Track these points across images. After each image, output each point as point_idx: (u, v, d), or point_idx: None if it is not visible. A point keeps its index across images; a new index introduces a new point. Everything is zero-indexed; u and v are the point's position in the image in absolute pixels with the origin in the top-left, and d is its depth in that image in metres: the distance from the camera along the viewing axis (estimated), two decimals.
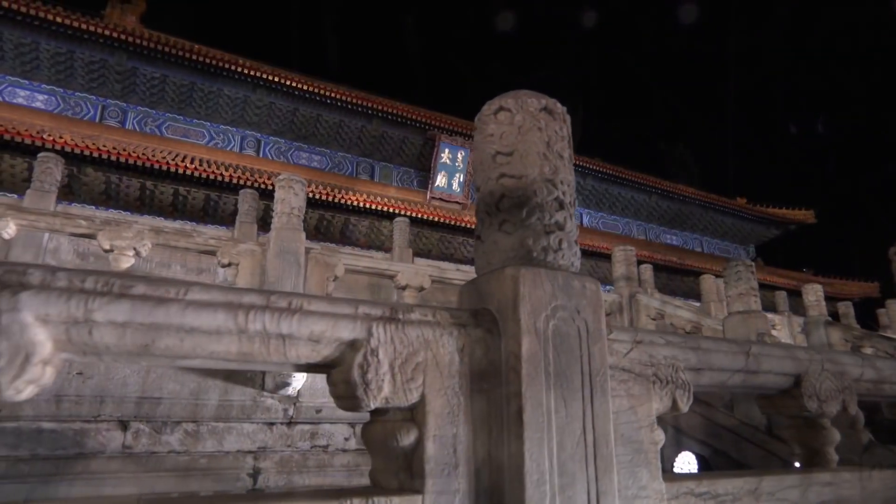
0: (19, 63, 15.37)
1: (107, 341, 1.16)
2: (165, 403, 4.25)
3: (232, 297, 1.28)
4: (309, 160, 18.72)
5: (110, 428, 4.15)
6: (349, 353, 1.37)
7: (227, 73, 16.92)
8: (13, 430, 3.90)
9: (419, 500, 1.34)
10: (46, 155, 7.71)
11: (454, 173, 19.50)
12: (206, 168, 15.26)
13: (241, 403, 4.46)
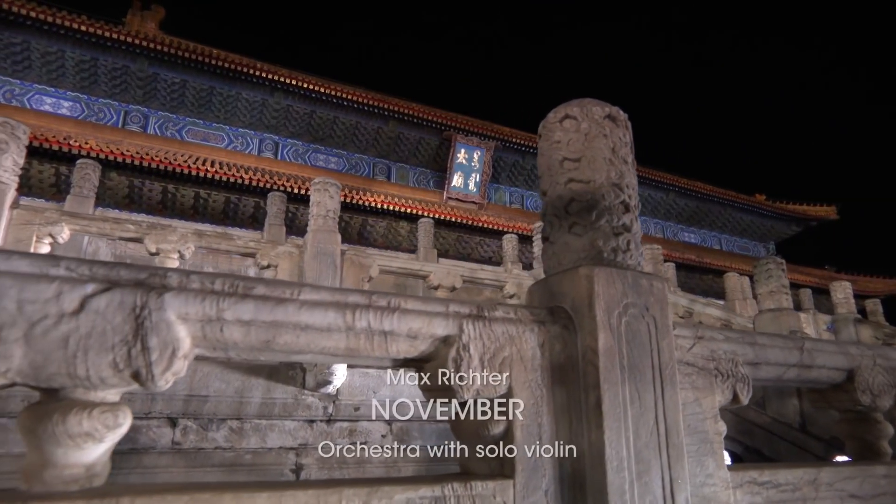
0: (46, 71, 15.77)
1: (235, 338, 1.28)
2: (212, 401, 4.41)
3: (338, 297, 1.40)
4: (326, 162, 18.94)
5: (160, 425, 4.32)
6: (443, 348, 1.48)
7: (244, 76, 17.20)
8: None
9: (510, 485, 1.44)
10: (84, 161, 7.97)
11: (470, 173, 19.59)
12: (226, 171, 15.53)
13: (284, 401, 4.61)
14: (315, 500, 1.23)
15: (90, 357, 1.13)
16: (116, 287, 1.19)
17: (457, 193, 19.48)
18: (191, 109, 17.79)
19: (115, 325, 1.16)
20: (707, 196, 23.13)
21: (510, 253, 9.62)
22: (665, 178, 22.28)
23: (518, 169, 21.18)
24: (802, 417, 5.19)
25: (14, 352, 1.08)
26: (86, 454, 1.14)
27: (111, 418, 1.16)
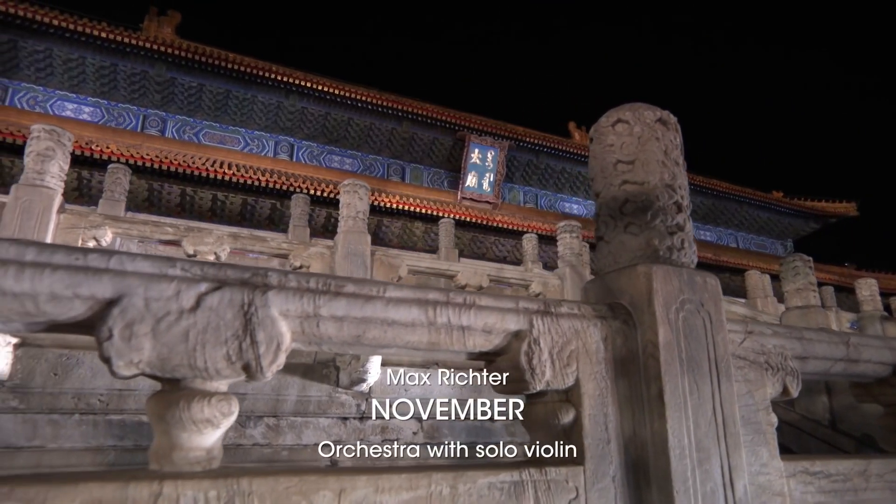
0: (67, 78, 16.12)
1: (329, 333, 1.39)
2: (249, 399, 4.55)
3: (419, 294, 1.49)
4: (341, 163, 19.14)
5: None
6: (515, 342, 1.57)
7: (260, 80, 17.44)
8: (118, 423, 4.24)
9: (581, 471, 1.53)
10: (116, 166, 8.19)
11: (484, 173, 19.66)
12: (243, 173, 15.76)
13: (318, 399, 4.73)
14: (408, 483, 1.33)
15: (207, 350, 1.24)
16: (226, 286, 1.29)
17: (471, 193, 19.57)
18: (207, 113, 18.07)
19: (226, 321, 1.27)
20: (723, 194, 22.99)
21: (530, 252, 9.70)
22: None
23: (532, 168, 21.22)
24: (832, 414, 5.20)
25: (144, 344, 1.19)
26: (206, 438, 1.25)
27: (226, 406, 1.27)
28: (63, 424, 4.11)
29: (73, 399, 4.09)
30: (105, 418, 4.22)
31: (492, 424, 5.61)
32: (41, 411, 4.02)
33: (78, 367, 4.08)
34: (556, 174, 21.75)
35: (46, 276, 1.15)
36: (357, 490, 1.27)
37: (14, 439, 3.90)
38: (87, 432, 4.16)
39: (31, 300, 1.14)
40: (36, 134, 5.06)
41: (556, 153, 21.14)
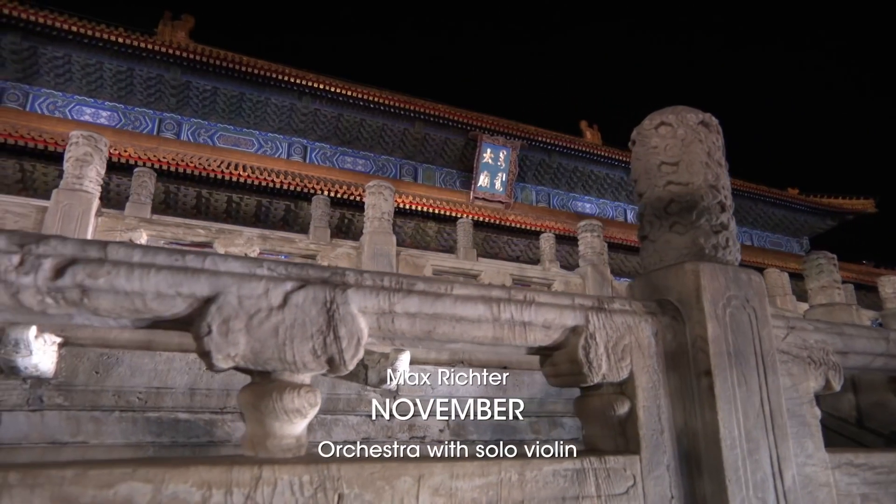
0: (85, 83, 16.42)
1: (403, 328, 1.47)
2: None
3: (483, 291, 1.58)
4: (354, 164, 19.29)
5: (234, 419, 4.58)
6: (572, 337, 1.65)
7: (274, 82, 17.63)
8: (156, 420, 4.37)
9: (637, 460, 1.60)
10: (141, 170, 8.38)
11: (496, 173, 19.71)
12: (258, 175, 15.95)
13: (347, 397, 4.83)
14: (480, 470, 1.41)
15: (295, 344, 1.33)
16: (309, 284, 1.39)
17: (483, 193, 19.63)
18: (222, 116, 18.30)
19: (311, 318, 1.36)
20: (737, 191, 22.80)
21: (548, 251, 9.76)
22: None
23: (544, 167, 21.23)
24: (858, 412, 5.21)
25: (239, 339, 1.28)
26: (295, 427, 1.35)
27: (312, 398, 1.36)
28: (104, 421, 4.24)
29: (114, 397, 4.22)
30: (143, 415, 4.36)
31: (516, 422, 5.68)
32: (84, 408, 4.16)
33: (118, 366, 4.21)
34: (569, 173, 21.74)
35: (152, 276, 1.25)
36: (434, 476, 1.36)
37: (59, 435, 4.04)
38: (127, 429, 4.29)
39: (140, 298, 1.24)
40: (74, 140, 5.22)
41: (568, 152, 21.13)
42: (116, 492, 1.11)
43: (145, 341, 4.52)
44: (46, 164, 14.93)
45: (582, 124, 24.41)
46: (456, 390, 5.14)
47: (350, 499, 1.27)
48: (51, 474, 1.10)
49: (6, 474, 1.07)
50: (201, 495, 1.16)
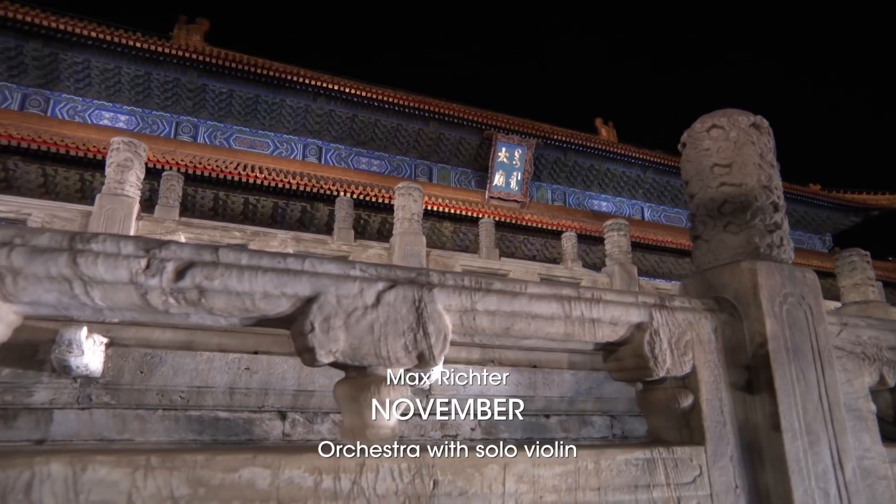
0: (104, 87, 16.76)
1: (483, 325, 1.58)
2: (317, 396, 4.78)
3: (555, 290, 1.67)
4: (368, 165, 19.46)
5: (272, 418, 4.72)
6: (637, 333, 1.74)
7: (288, 84, 17.85)
8: (197, 418, 4.52)
9: (702, 451, 1.69)
10: (170, 174, 8.60)
11: (511, 172, 19.77)
12: (274, 177, 16.17)
13: None
14: (559, 459, 1.50)
15: (389, 341, 1.44)
16: (398, 284, 1.49)
17: (499, 192, 19.70)
18: (238, 118, 18.57)
19: (402, 315, 1.47)
20: None
21: (570, 251, 9.82)
22: None
23: (560, 166, 21.24)
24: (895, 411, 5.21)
25: (339, 336, 1.39)
26: (386, 418, 1.45)
27: (405, 390, 1.47)
28: (148, 419, 4.40)
29: (157, 395, 4.37)
30: (185, 414, 4.50)
31: (547, 421, 5.75)
32: (129, 407, 4.31)
33: (161, 366, 4.36)
34: (585, 171, 21.72)
35: (259, 277, 1.36)
36: (518, 464, 1.46)
37: (106, 432, 4.20)
38: (170, 427, 4.44)
39: (249, 298, 1.35)
40: (115, 146, 5.41)
41: (584, 150, 21.12)
42: (241, 476, 1.22)
43: (186, 341, 4.66)
44: (67, 168, 15.29)
45: (597, 122, 24.38)
46: (487, 389, 5.23)
47: (444, 484, 1.38)
48: (185, 458, 1.21)
49: (149, 457, 1.19)
50: (313, 480, 1.27)
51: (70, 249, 1.24)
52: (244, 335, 4.84)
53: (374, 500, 1.30)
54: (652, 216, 22.74)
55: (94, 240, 1.27)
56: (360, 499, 1.30)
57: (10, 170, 14.54)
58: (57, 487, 1.10)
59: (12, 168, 14.45)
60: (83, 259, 1.24)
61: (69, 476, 1.11)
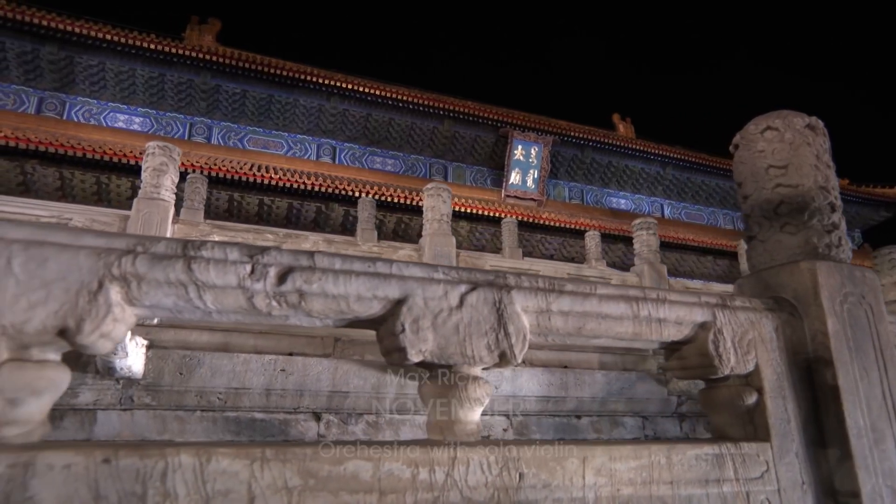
0: (119, 90, 17.09)
1: (557, 325, 1.67)
2: (351, 397, 4.91)
3: (622, 291, 1.76)
4: (383, 164, 19.62)
5: (307, 419, 4.86)
6: (701, 332, 1.83)
7: (302, 83, 18.06)
8: (234, 419, 4.68)
9: (768, 447, 1.77)
10: (194, 176, 8.81)
11: (528, 170, 19.81)
12: (288, 177, 16.38)
13: (415, 397, 5.03)
14: (633, 453, 1.60)
15: (473, 340, 1.54)
16: (479, 287, 1.59)
17: (515, 191, 19.75)
18: (251, 118, 18.82)
19: (484, 316, 1.57)
20: None
21: (594, 250, 9.87)
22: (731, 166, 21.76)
23: (577, 163, 21.24)
24: None
25: (428, 336, 1.50)
26: (475, 414, 1.56)
27: (488, 388, 1.57)
28: (187, 420, 4.56)
29: (196, 397, 4.53)
30: (223, 415, 4.66)
31: (578, 422, 5.82)
32: (169, 408, 4.48)
33: (199, 367, 4.51)
34: (603, 168, 21.69)
35: (353, 281, 1.47)
36: (596, 458, 1.55)
37: (147, 433, 4.36)
38: (208, 428, 4.60)
39: (344, 300, 1.46)
40: (151, 150, 5.58)
41: (602, 147, 21.10)
42: (346, 468, 1.33)
43: (223, 343, 4.82)
44: (84, 171, 15.62)
45: (614, 117, 24.33)
46: (519, 389, 5.34)
47: (529, 477, 1.47)
48: (295, 452, 1.33)
49: (264, 450, 1.30)
50: (411, 472, 1.38)
51: (184, 256, 1.36)
52: (279, 337, 4.99)
53: (467, 492, 1.41)
54: (672, 213, 22.64)
55: (203, 247, 1.39)
56: (453, 490, 1.40)
57: (28, 173, 14.90)
58: (187, 476, 1.22)
59: (31, 171, 14.80)
60: (196, 265, 1.35)
61: (196, 466, 1.23)
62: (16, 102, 16.20)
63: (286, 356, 4.77)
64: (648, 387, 5.85)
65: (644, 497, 1.56)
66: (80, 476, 1.16)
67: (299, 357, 4.80)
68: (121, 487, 1.18)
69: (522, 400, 5.32)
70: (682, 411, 5.99)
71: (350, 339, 5.06)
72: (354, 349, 5.10)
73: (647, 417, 6.02)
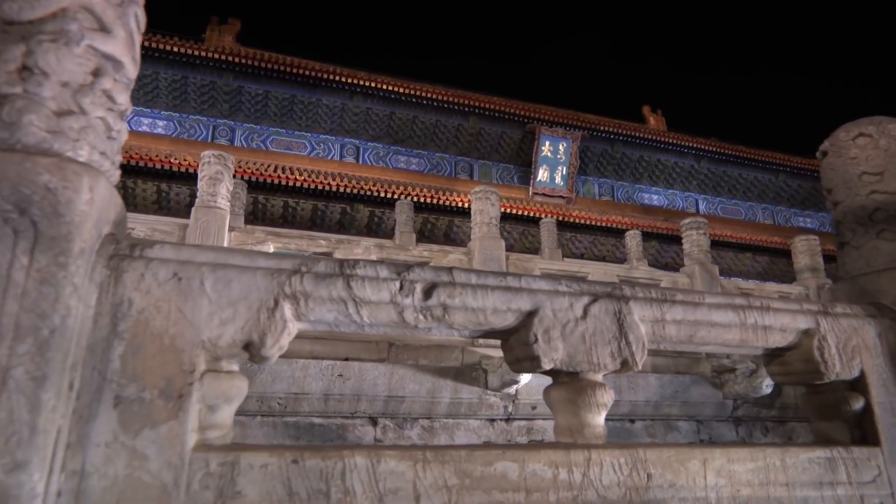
0: (143, 94, 17.59)
1: (671, 334, 1.81)
2: (407, 402, 5.09)
3: (728, 300, 1.89)
4: (407, 163, 19.84)
5: (364, 423, 5.06)
6: (805, 339, 1.94)
7: (324, 83, 18.38)
8: (293, 424, 4.90)
9: (878, 451, 1.88)
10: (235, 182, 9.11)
11: (556, 166, 19.84)
12: (313, 179, 16.70)
13: (469, 401, 5.22)
14: (749, 456, 1.73)
15: (598, 349, 1.69)
16: (600, 298, 1.74)
17: (543, 188, 19.81)
18: (274, 119, 19.21)
19: (606, 326, 1.71)
20: None
21: (635, 249, 9.92)
22: (773, 158, 21.52)
23: (607, 158, 21.20)
24: None
25: (559, 346, 1.65)
26: (600, 417, 1.71)
27: (612, 393, 1.71)
28: (249, 425, 4.79)
29: (257, 402, 4.75)
30: (282, 420, 4.88)
31: (632, 426, 5.93)
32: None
33: (259, 373, 4.74)
34: (633, 163, 21.61)
35: (489, 295, 1.63)
36: (716, 460, 1.68)
37: None
38: (269, 433, 4.82)
39: (482, 313, 1.62)
40: (206, 159, 5.85)
41: (632, 141, 21.02)
42: (495, 468, 1.49)
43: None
44: None
45: (644, 110, 24.20)
46: None
47: (656, 477, 1.62)
48: (451, 454, 1.49)
49: (424, 452, 1.47)
50: (552, 472, 1.53)
51: (342, 274, 1.53)
52: (335, 342, 5.19)
53: (602, 491, 1.56)
54: (707, 209, 22.43)
55: (357, 265, 1.56)
56: (589, 489, 1.55)
57: None
58: (362, 476, 1.39)
59: None
60: (355, 283, 1.52)
61: (369, 466, 1.40)
62: None
63: (342, 361, 4.96)
64: (703, 390, 5.92)
65: (762, 498, 1.69)
66: (275, 475, 1.34)
67: (355, 362, 4.98)
68: (309, 485, 1.35)
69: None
70: (738, 415, 6.05)
71: (404, 343, 5.24)
72: (408, 354, 5.28)
73: (701, 421, 6.08)
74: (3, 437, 1.13)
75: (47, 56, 1.35)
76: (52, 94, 1.36)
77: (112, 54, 1.49)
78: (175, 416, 1.31)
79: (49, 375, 1.18)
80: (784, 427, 5.99)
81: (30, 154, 1.29)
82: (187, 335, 1.37)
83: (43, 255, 1.24)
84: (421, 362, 5.20)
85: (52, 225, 1.25)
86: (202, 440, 1.37)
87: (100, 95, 1.45)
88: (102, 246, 1.37)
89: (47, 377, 1.18)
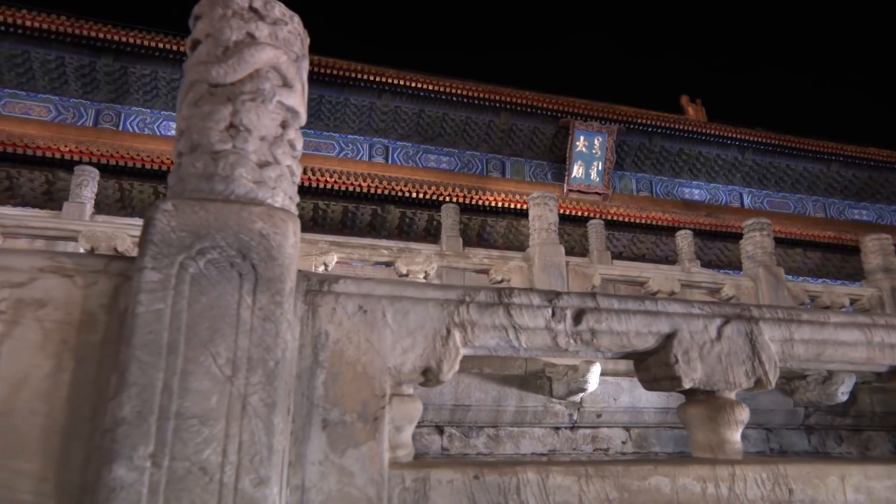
0: (171, 98, 18.12)
1: (799, 353, 1.96)
2: (473, 410, 5.28)
3: (853, 318, 2.03)
4: (437, 162, 20.05)
5: (430, 432, 5.27)
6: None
7: (352, 82, 18.68)
8: None
9: None
10: None
11: (591, 161, 19.83)
12: (343, 180, 17.02)
13: (534, 409, 5.38)
14: (886, 472, 1.86)
15: (733, 368, 1.84)
16: (731, 320, 1.90)
17: (578, 185, 19.81)
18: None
19: (739, 346, 1.87)
20: (882, 163, 21.58)
21: (686, 250, 9.94)
22: (824, 148, 21.12)
23: (645, 152, 21.08)
24: None
25: (697, 366, 1.81)
26: (737, 434, 1.86)
27: (747, 411, 1.87)
28: None
29: None
30: None
31: None
32: None
33: None
34: (672, 156, 21.44)
35: (631, 319, 1.80)
36: (853, 476, 1.83)
37: None
38: None
39: (626, 336, 1.80)
40: None
41: (671, 133, 20.86)
42: (650, 483, 1.66)
43: None
44: (143, 182, 16.75)
45: (683, 100, 24.00)
46: (638, 400, 5.59)
47: (797, 493, 1.77)
48: (610, 469, 1.67)
49: (586, 468, 1.65)
50: (700, 487, 1.70)
51: (501, 303, 1.72)
52: None
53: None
54: (753, 203, 22.14)
55: (513, 294, 1.75)
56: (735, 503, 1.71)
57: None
58: (534, 490, 1.58)
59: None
60: (514, 311, 1.71)
61: (539, 481, 1.59)
62: (75, 116, 17.46)
63: None
64: (772, 397, 5.96)
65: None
66: (460, 489, 1.53)
67: None
68: (489, 499, 1.54)
69: (641, 412, 5.55)
70: (809, 423, 6.08)
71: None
72: (472, 362, 5.45)
73: (770, 430, 6.13)
74: (248, 456, 1.34)
75: (249, 114, 1.57)
76: (254, 147, 1.57)
77: (293, 106, 1.70)
78: (373, 436, 1.51)
79: (277, 402, 1.40)
80: (860, 436, 6.00)
81: (243, 204, 1.50)
82: (376, 363, 1.57)
83: (263, 294, 1.45)
84: (485, 371, 5.38)
85: (268, 267, 1.47)
86: (393, 458, 1.58)
87: (286, 145, 1.66)
88: (298, 283, 1.58)
89: (276, 403, 1.39)
